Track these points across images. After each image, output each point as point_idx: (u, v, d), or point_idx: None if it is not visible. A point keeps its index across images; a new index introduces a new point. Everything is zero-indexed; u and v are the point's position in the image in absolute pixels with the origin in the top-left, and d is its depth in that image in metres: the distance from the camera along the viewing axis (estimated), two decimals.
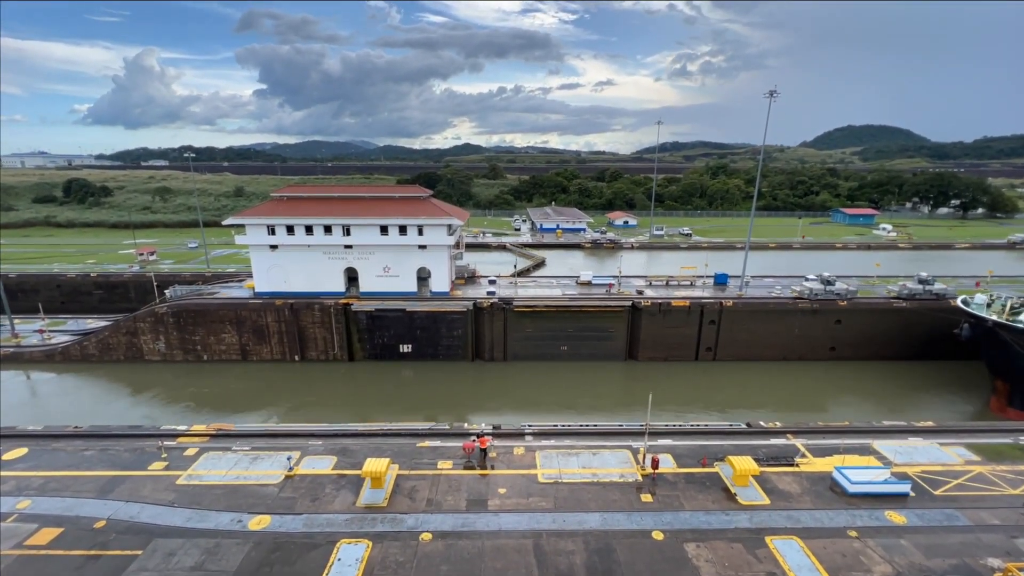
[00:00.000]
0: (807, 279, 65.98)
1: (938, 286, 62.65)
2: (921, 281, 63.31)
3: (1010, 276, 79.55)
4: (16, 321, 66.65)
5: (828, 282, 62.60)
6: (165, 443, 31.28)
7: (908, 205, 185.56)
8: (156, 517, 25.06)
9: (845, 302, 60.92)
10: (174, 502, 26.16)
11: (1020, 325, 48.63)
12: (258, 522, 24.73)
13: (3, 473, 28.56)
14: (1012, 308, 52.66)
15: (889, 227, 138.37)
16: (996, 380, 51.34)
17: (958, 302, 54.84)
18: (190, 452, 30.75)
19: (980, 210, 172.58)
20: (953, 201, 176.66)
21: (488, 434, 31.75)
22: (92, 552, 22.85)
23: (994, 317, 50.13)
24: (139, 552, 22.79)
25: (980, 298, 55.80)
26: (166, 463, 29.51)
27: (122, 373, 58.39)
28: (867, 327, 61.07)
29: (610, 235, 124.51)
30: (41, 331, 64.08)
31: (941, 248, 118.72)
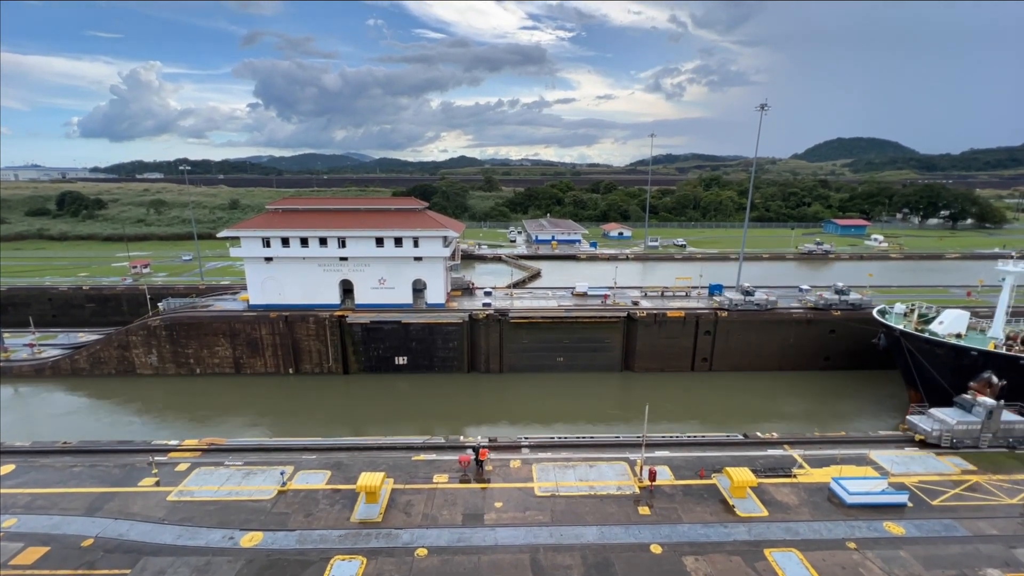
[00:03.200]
0: (725, 288, 66.97)
1: (854, 296, 62.56)
2: (838, 291, 63.39)
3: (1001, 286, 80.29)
4: (6, 335, 65.82)
5: (747, 292, 62.81)
6: (156, 458, 30.77)
7: (899, 216, 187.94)
8: (145, 535, 24.55)
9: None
10: (164, 519, 25.67)
11: (923, 334, 48.51)
12: (250, 539, 24.29)
13: None
14: (922, 317, 52.86)
15: (880, 238, 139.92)
16: (909, 390, 51.02)
17: (874, 312, 54.78)
18: (181, 467, 30.26)
19: (969, 221, 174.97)
20: (943, 212, 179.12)
21: (485, 447, 31.49)
22: (79, 572, 22.33)
23: (901, 327, 50.26)
24: (128, 571, 22.29)
25: (899, 307, 56.07)
26: (156, 479, 29.00)
27: (113, 387, 57.63)
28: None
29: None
30: (31, 345, 63.26)
31: (932, 258, 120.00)
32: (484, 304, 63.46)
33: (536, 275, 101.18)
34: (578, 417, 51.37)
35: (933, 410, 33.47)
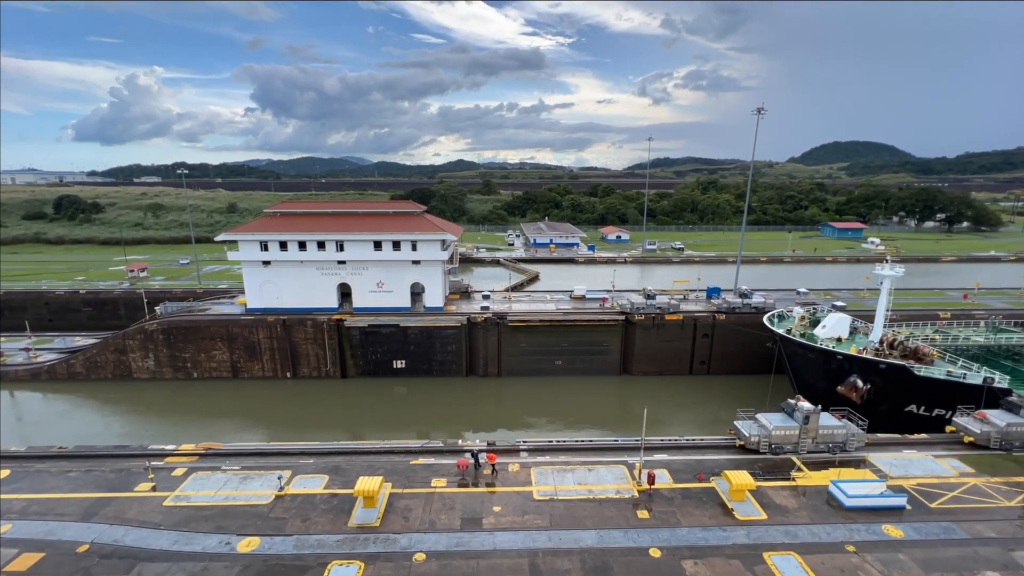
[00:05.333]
0: (633, 294, 67.35)
1: (756, 299, 62.83)
2: (741, 295, 63.78)
3: (997, 288, 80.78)
4: (2, 339, 65.55)
5: (650, 296, 63.19)
6: (152, 463, 30.59)
7: (895, 219, 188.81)
8: (141, 540, 24.38)
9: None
10: (160, 524, 25.51)
11: (797, 339, 48.56)
12: (247, 544, 24.14)
13: None
14: (815, 321, 52.98)
15: (877, 241, 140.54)
16: (797, 394, 51.24)
17: (764, 319, 54.73)
18: (178, 472, 30.09)
19: (965, 224, 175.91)
20: (939, 215, 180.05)
21: (491, 451, 31.41)
22: None
23: (781, 331, 50.45)
24: None
25: (798, 310, 56.20)
26: (153, 484, 28.83)
27: (110, 392, 57.37)
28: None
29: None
30: (27, 349, 62.97)
31: (928, 261, 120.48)
32: (482, 307, 63.45)
33: (534, 278, 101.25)
34: (576, 421, 51.33)
35: (759, 415, 33.09)
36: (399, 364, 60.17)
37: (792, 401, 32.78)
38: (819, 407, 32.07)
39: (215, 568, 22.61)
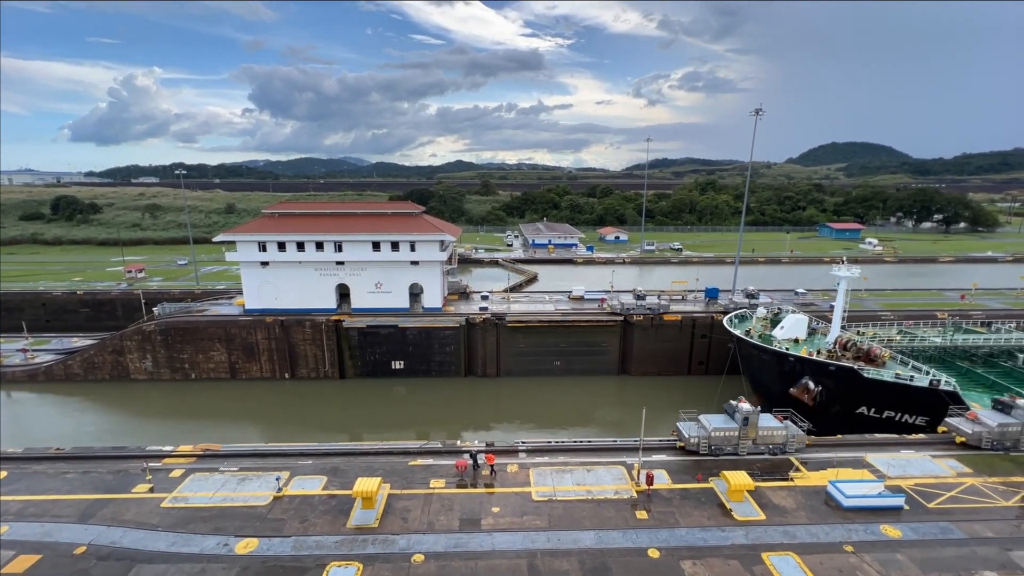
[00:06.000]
0: (623, 294, 67.73)
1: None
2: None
3: (995, 288, 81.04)
4: None
5: (640, 297, 63.28)
6: (150, 464, 30.49)
7: (892, 220, 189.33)
8: (139, 542, 24.30)
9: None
10: (158, 526, 25.42)
11: (751, 340, 48.43)
12: (245, 545, 24.08)
13: None
14: (772, 320, 52.99)
15: (875, 241, 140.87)
16: (755, 394, 51.16)
17: (724, 320, 54.67)
18: (176, 473, 30.01)
19: (962, 224, 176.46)
20: (936, 216, 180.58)
21: (483, 451, 31.41)
22: None
23: (738, 332, 50.41)
24: None
25: (760, 311, 56.14)
26: (151, 485, 28.74)
27: (107, 393, 57.21)
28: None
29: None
30: (24, 350, 62.76)
31: (926, 262, 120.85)
32: (481, 308, 63.44)
33: (533, 279, 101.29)
34: (575, 421, 51.32)
35: (701, 416, 32.96)
36: (398, 365, 60.12)
37: (733, 402, 32.44)
38: (758, 408, 31.75)
39: (213, 569, 22.55)
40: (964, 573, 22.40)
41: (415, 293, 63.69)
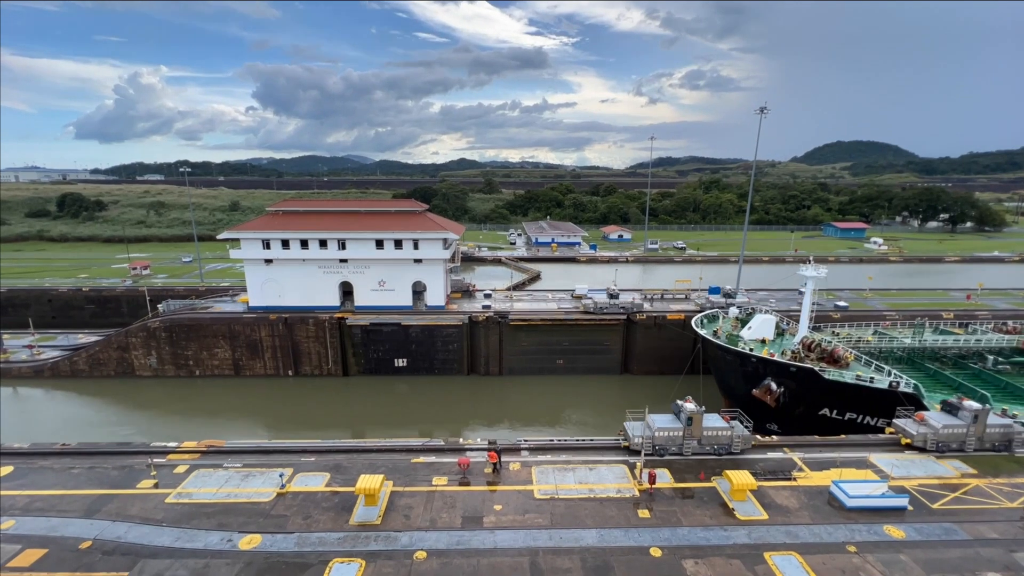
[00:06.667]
0: (592, 291, 67.16)
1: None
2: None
3: (1001, 289, 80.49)
4: (5, 336, 65.82)
5: (613, 295, 62.76)
6: (154, 460, 30.70)
7: (898, 219, 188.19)
8: (143, 537, 24.47)
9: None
10: (163, 521, 25.59)
11: (716, 341, 47.93)
12: (249, 541, 24.21)
13: None
14: (743, 320, 52.54)
15: (880, 241, 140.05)
16: (723, 395, 50.63)
17: (693, 321, 53.99)
18: (180, 469, 30.19)
19: (968, 224, 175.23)
20: (942, 215, 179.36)
21: (487, 449, 31.46)
22: (77, 574, 22.24)
23: (704, 332, 49.96)
24: (126, 574, 22.20)
25: (733, 311, 55.53)
26: (155, 481, 28.93)
27: (112, 389, 57.59)
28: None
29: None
30: (30, 346, 63.24)
31: (932, 261, 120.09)
32: (484, 306, 63.48)
33: (536, 277, 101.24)
34: (578, 420, 51.32)
35: (649, 416, 32.66)
36: (401, 363, 60.26)
37: (680, 402, 32.28)
38: (703, 408, 31.52)
39: (217, 565, 22.69)
40: (968, 574, 22.30)
41: (418, 291, 63.78)
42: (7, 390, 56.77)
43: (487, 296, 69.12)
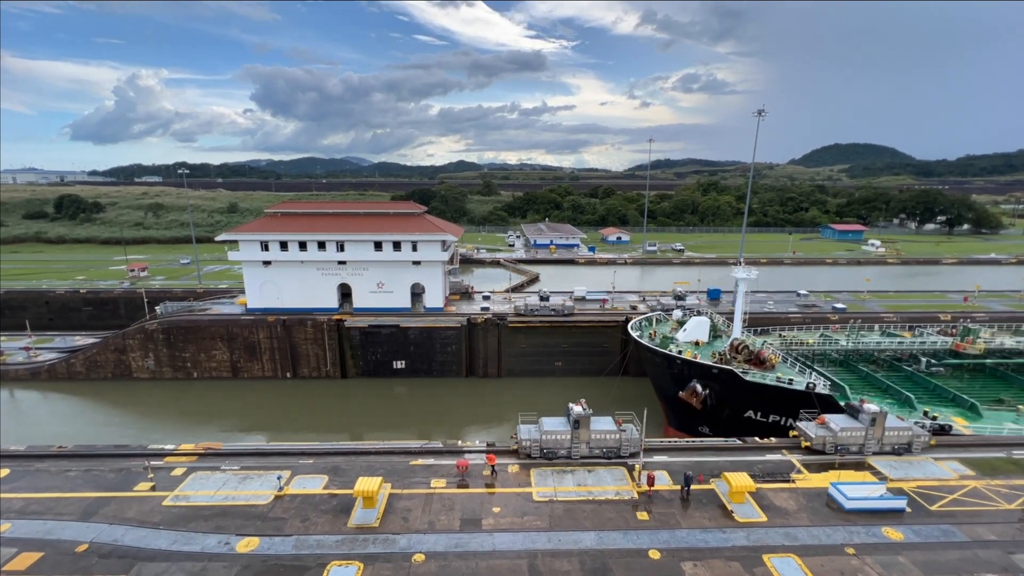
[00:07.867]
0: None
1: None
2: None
3: (998, 291, 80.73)
4: (2, 338, 65.58)
5: (544, 297, 63.52)
6: (151, 463, 30.56)
7: (895, 221, 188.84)
8: (140, 540, 24.35)
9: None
10: (159, 524, 25.48)
11: (646, 343, 47.82)
12: (246, 544, 24.12)
13: None
14: (681, 323, 52.52)
15: (877, 243, 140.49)
16: (659, 399, 50.59)
17: (629, 326, 54.02)
18: (177, 472, 30.07)
19: (965, 226, 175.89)
20: (939, 217, 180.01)
21: (485, 451, 31.40)
22: None
23: (636, 334, 49.90)
24: None
25: (677, 314, 55.44)
26: (152, 484, 28.81)
27: (109, 391, 57.39)
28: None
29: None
30: (27, 348, 63.02)
31: (929, 263, 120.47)
32: (482, 308, 63.45)
33: (534, 279, 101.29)
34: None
35: (542, 419, 32.43)
36: (399, 364, 60.17)
37: (571, 404, 32.05)
38: (590, 411, 31.41)
39: (214, 568, 22.59)
40: None
41: (417, 293, 63.74)
42: (4, 392, 56.53)
43: (486, 298, 69.14)
